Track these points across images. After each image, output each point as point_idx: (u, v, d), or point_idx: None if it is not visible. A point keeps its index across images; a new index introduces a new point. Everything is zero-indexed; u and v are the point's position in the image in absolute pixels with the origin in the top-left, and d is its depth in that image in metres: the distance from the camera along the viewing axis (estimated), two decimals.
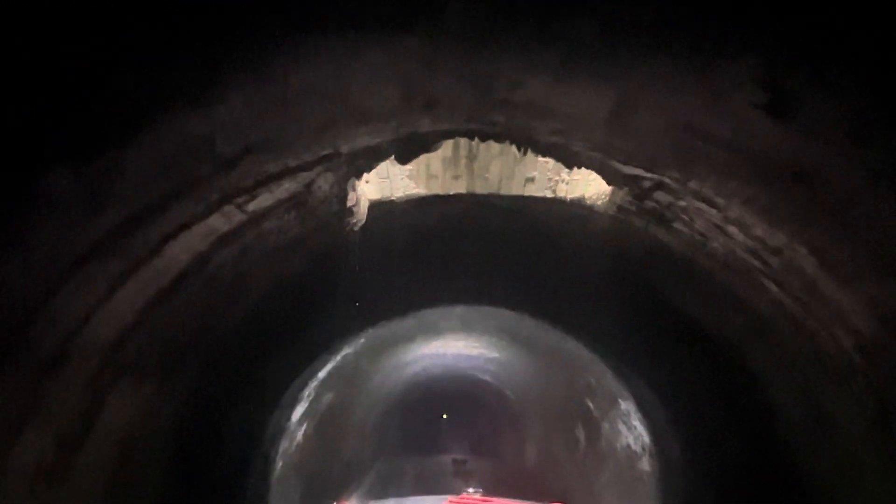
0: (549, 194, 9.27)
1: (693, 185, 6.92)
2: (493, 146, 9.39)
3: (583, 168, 7.37)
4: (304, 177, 7.36)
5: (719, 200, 6.82)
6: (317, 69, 5.00)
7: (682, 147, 6.13)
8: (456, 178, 10.01)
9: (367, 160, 7.19)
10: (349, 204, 7.97)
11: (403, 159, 7.21)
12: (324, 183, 7.50)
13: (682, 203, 7.72)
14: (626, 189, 7.97)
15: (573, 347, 13.46)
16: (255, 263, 8.81)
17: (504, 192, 9.51)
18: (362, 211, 8.69)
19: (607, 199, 8.79)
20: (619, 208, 8.74)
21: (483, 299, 12.59)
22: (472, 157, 9.97)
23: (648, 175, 7.31)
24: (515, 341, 16.41)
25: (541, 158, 9.41)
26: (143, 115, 4.01)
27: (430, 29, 4.12)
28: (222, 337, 9.44)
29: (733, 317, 9.23)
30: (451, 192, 9.56)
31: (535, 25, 4.00)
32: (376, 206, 9.90)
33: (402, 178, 9.95)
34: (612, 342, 11.83)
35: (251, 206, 7.14)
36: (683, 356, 10.82)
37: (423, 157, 9.40)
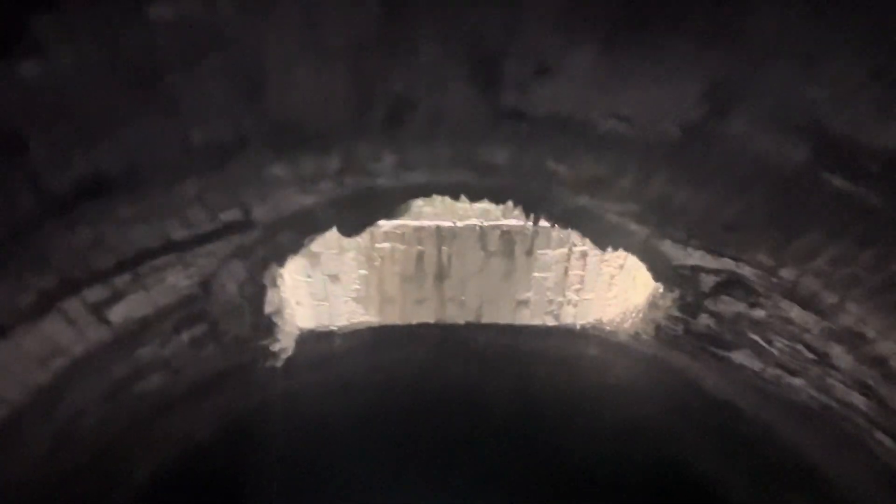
0: (550, 321, 6.86)
1: (788, 272, 4.59)
2: (470, 257, 7.04)
3: (617, 251, 5.03)
4: (200, 266, 4.87)
5: (830, 298, 4.51)
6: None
7: (786, 201, 3.97)
8: (420, 302, 7.57)
9: (294, 233, 4.82)
10: (267, 310, 5.43)
11: (349, 229, 4.83)
12: (229, 278, 5.04)
13: (759, 312, 5.35)
14: (673, 295, 5.61)
15: None
16: (136, 423, 6.15)
17: (487, 319, 6.99)
18: (287, 334, 6.13)
19: (640, 318, 6.36)
20: (658, 334, 6.30)
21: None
22: (441, 274, 7.57)
23: (716, 263, 4.99)
24: None
25: (537, 274, 7.09)
26: None
27: None
28: None
29: None
30: (414, 322, 6.93)
31: None
32: (309, 343, 7.36)
33: (346, 301, 7.49)
34: None
35: (116, 313, 4.63)
36: None
37: (375, 271, 7.25)
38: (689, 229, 5.00)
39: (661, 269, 5.50)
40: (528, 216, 5.18)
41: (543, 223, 7.60)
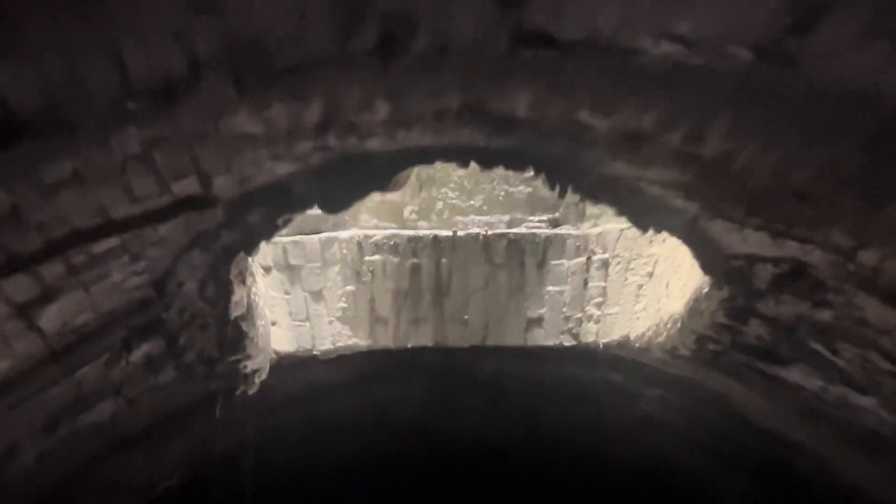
0: (567, 341, 6.00)
1: (870, 256, 3.78)
2: (473, 270, 6.92)
3: (644, 257, 4.24)
4: (152, 258, 4.00)
5: None
6: None
7: (881, 153, 3.20)
8: (416, 322, 6.72)
9: (264, 212, 3.97)
10: (235, 314, 4.52)
11: (334, 203, 3.98)
12: (187, 274, 4.18)
13: (826, 313, 4.50)
14: (721, 295, 4.76)
15: None
16: (85, 465, 5.24)
17: (494, 341, 6.11)
18: (262, 350, 5.21)
19: (676, 330, 5.47)
20: (699, 349, 5.41)
21: None
22: (441, 290, 6.70)
23: (777, 250, 4.15)
24: None
25: (551, 288, 6.25)
26: None
27: None
28: None
29: None
30: (410, 346, 7.34)
31: None
32: (288, 372, 6.44)
33: (331, 321, 6.60)
34: None
35: (49, 318, 3.78)
36: None
37: (364, 287, 6.92)
38: (750, 203, 4.14)
39: (710, 259, 4.65)
40: (552, 187, 4.31)
41: (558, 230, 6.85)
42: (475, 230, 7.01)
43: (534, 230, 6.98)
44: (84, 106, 3.20)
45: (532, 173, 4.32)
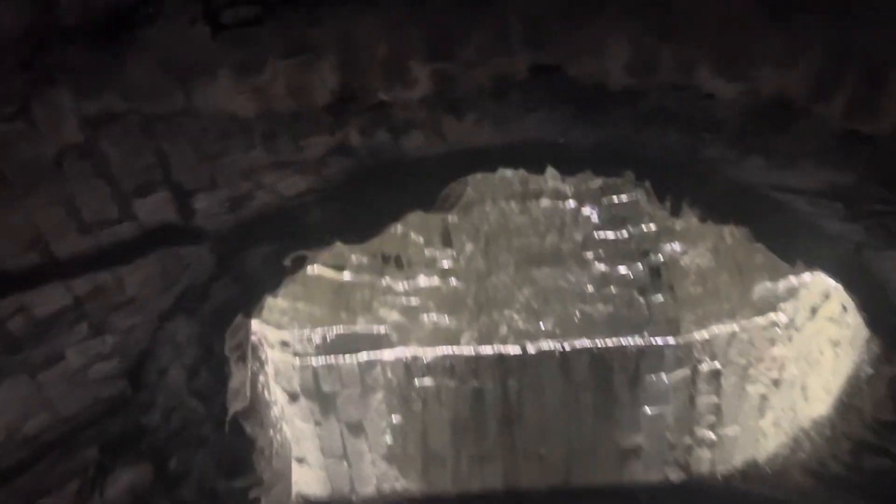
0: (674, 474, 5.42)
1: None
2: (548, 392, 6.44)
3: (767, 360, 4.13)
4: (120, 326, 3.15)
5: None
6: None
7: None
8: (481, 459, 6.73)
9: (267, 250, 2.92)
10: (233, 406, 3.43)
11: (359, 231, 2.97)
12: (171, 350, 3.30)
13: None
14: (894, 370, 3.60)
15: None
16: None
17: (580, 481, 6.48)
18: (278, 477, 4.06)
19: (825, 438, 4.26)
20: (854, 462, 4.18)
21: None
22: (510, 419, 6.01)
23: None
24: None
25: (649, 409, 5.88)
26: None
27: None
28: None
29: None
30: (474, 491, 6.46)
31: None
32: None
33: (374, 459, 5.71)
34: None
35: None
36: None
37: (414, 417, 6.31)
38: None
39: (878, 310, 3.40)
40: (660, 199, 3.22)
41: (653, 338, 5.87)
42: (549, 344, 6.50)
43: (621, 340, 6.14)
44: None
45: (627, 182, 3.16)
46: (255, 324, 5.05)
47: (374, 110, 3.02)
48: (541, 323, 7.14)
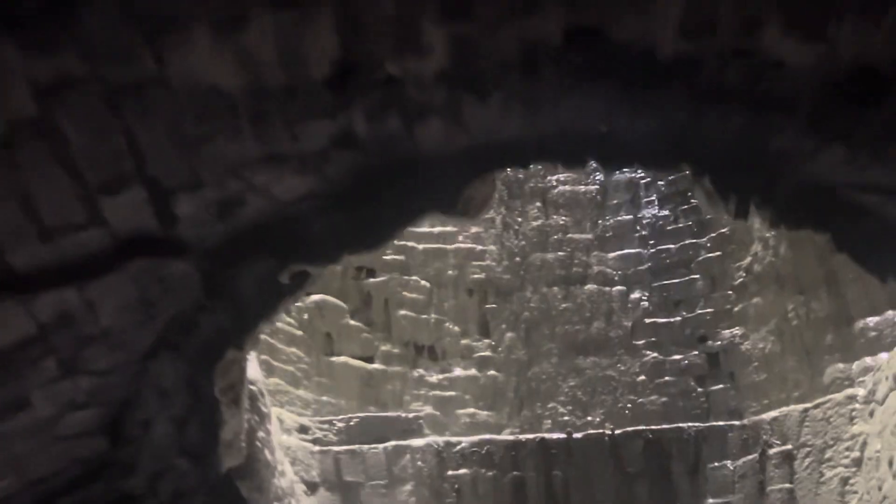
0: None
1: None
2: (598, 481, 5.87)
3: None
4: (96, 367, 2.65)
5: None
6: None
7: None
8: None
9: (265, 267, 2.49)
10: (226, 462, 2.90)
11: (366, 242, 2.56)
12: (156, 397, 2.83)
13: None
14: None
15: None
16: None
17: None
18: None
19: None
20: None
21: None
22: None
23: None
24: None
25: (713, 501, 5.12)
26: None
27: None
28: None
29: None
30: None
31: None
32: None
33: None
34: None
35: None
36: None
37: None
38: None
39: None
40: (723, 198, 2.71)
41: (714, 421, 5.41)
42: (595, 429, 5.79)
43: (679, 423, 5.48)
44: None
45: (690, 176, 2.65)
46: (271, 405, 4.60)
47: (383, 88, 2.59)
48: (589, 416, 6.65)
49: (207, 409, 3.23)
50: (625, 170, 9.60)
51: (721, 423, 5.83)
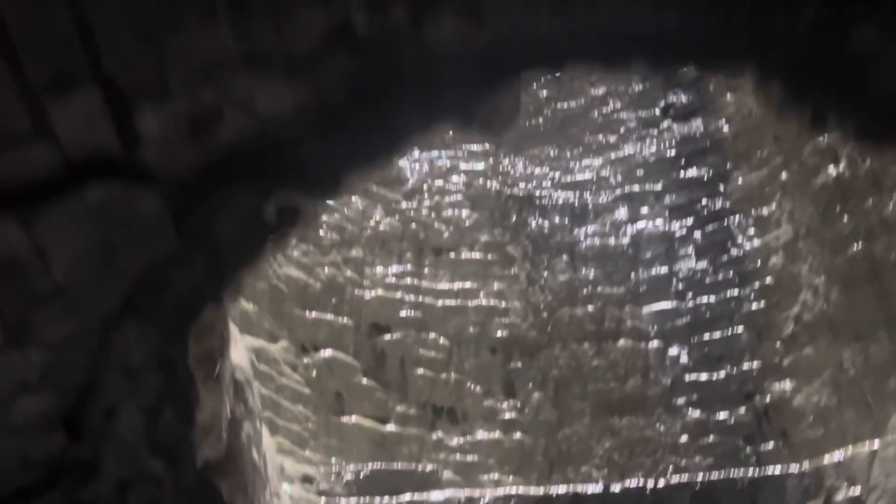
0: None
1: None
2: None
3: None
4: (48, 337, 2.22)
5: None
6: None
7: None
8: None
9: (247, 200, 2.04)
10: (203, 454, 2.40)
11: (371, 165, 2.10)
12: (120, 377, 2.35)
13: None
14: None
15: None
16: None
17: None
18: None
19: None
20: None
21: None
22: None
23: None
24: None
25: None
26: None
27: None
28: None
29: None
30: None
31: None
32: None
33: None
34: None
35: None
36: None
37: None
38: None
39: None
40: (797, 110, 2.23)
41: (770, 467, 4.81)
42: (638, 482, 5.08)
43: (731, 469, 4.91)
44: None
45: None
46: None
47: None
48: (627, 481, 6.00)
49: (181, 388, 2.71)
50: (657, 223, 9.21)
51: (778, 469, 5.12)
